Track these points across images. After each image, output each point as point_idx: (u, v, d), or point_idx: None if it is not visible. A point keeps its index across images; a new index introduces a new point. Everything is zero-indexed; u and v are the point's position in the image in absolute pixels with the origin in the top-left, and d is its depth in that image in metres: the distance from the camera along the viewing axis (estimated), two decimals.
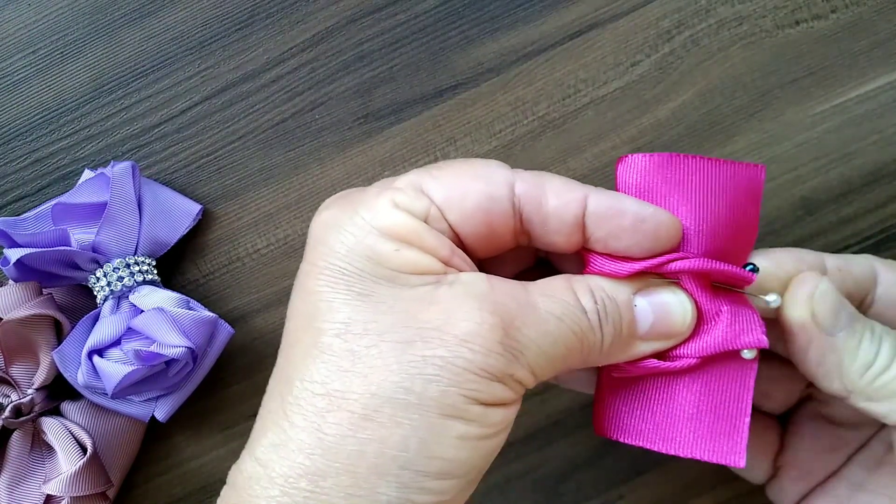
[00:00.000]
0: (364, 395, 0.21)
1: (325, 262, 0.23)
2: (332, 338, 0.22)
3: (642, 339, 0.25)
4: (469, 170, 0.24)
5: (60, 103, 0.36)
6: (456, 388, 0.21)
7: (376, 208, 0.23)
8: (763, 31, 0.35)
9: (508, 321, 0.22)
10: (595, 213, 0.24)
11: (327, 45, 0.36)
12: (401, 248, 0.23)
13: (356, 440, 0.21)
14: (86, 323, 0.33)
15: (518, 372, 0.22)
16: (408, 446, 0.21)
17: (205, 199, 0.36)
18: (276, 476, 0.21)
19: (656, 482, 0.35)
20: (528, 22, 0.36)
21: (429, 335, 0.21)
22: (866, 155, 0.35)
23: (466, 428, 0.21)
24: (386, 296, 0.22)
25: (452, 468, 0.21)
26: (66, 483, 0.32)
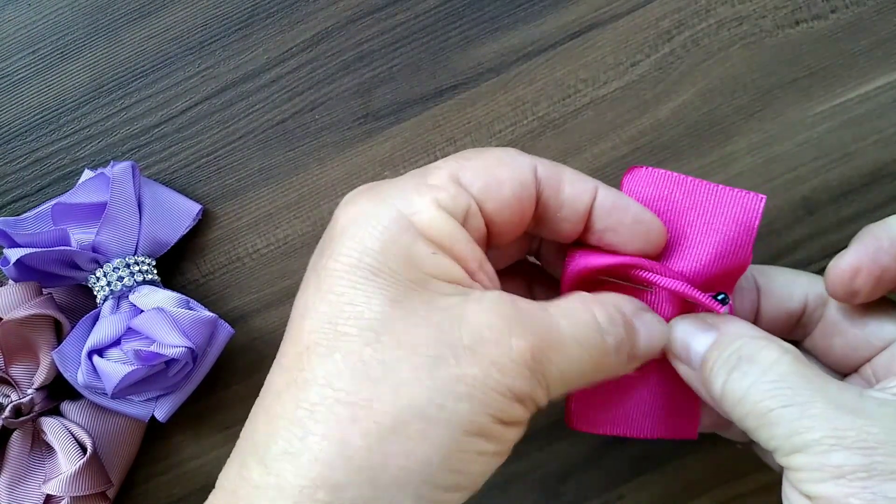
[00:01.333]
0: (395, 407, 0.21)
1: (354, 258, 0.22)
2: (362, 346, 0.21)
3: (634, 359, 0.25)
4: (501, 156, 0.24)
5: (60, 103, 0.36)
6: (484, 407, 0.21)
7: (417, 205, 0.22)
8: (763, 31, 0.35)
9: (537, 347, 0.22)
10: (602, 205, 0.25)
11: (327, 45, 0.36)
12: (437, 252, 0.22)
13: (381, 453, 0.20)
14: (86, 323, 0.33)
15: (539, 395, 0.22)
16: (431, 461, 0.21)
17: (205, 198, 0.36)
18: (289, 487, 0.20)
19: (656, 482, 0.35)
20: (528, 22, 0.36)
21: (461, 353, 0.21)
22: (866, 155, 0.35)
23: (487, 445, 0.21)
24: (418, 304, 0.22)
25: (466, 482, 0.21)
26: (65, 483, 0.32)
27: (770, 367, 0.23)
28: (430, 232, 0.22)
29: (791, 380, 0.23)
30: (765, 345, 0.24)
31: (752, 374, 0.23)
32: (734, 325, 0.26)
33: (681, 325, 0.26)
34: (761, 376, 0.23)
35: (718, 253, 0.26)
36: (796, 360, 0.23)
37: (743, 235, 0.26)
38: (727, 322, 0.26)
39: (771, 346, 0.24)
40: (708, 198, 0.26)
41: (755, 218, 0.26)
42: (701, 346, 0.25)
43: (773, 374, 0.23)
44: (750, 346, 0.24)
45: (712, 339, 0.25)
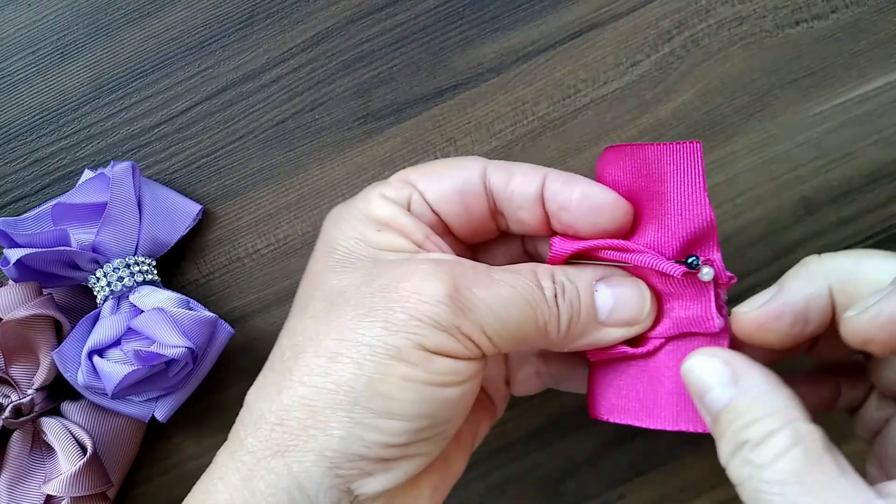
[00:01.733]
0: (330, 340, 0.24)
1: (326, 247, 0.27)
2: (318, 301, 0.26)
3: (606, 325, 0.26)
4: (449, 162, 0.28)
5: (61, 103, 0.37)
6: (403, 332, 0.23)
7: (367, 199, 0.27)
8: (763, 32, 0.35)
9: (460, 281, 0.24)
10: (550, 188, 0.26)
11: (327, 45, 0.36)
12: (382, 229, 0.26)
13: (319, 379, 0.23)
14: (86, 323, 0.33)
15: (465, 325, 0.23)
16: (357, 383, 0.23)
17: (205, 199, 0.36)
18: (254, 413, 0.25)
19: (656, 482, 0.35)
20: (528, 22, 0.36)
21: (387, 288, 0.24)
22: (866, 155, 0.35)
23: (409, 370, 0.23)
24: (364, 266, 0.26)
25: (397, 408, 0.23)
26: (66, 483, 0.32)
27: (773, 462, 0.21)
28: (376, 215, 0.27)
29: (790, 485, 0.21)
30: (776, 429, 0.22)
31: (752, 464, 0.21)
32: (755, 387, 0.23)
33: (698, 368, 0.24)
34: (759, 471, 0.21)
35: (678, 214, 0.25)
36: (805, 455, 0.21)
37: (693, 188, 0.25)
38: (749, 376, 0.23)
39: (785, 431, 0.21)
40: (653, 161, 0.26)
41: (698, 165, 0.25)
42: (716, 402, 0.23)
43: (773, 472, 0.21)
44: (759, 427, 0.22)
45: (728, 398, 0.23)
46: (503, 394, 0.31)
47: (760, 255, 0.35)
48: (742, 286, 0.35)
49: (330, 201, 0.36)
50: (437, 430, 0.24)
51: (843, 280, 0.24)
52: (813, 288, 0.24)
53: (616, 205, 0.26)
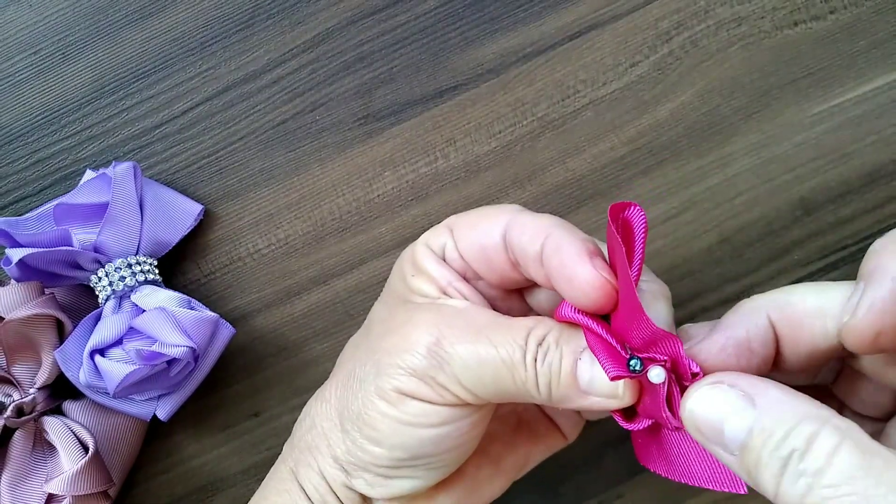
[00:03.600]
0: (347, 370, 0.29)
1: (387, 286, 0.31)
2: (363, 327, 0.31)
3: (587, 393, 0.25)
4: (487, 210, 0.29)
5: (62, 104, 0.37)
6: (386, 375, 0.26)
7: (417, 242, 0.29)
8: (762, 32, 0.35)
9: (444, 335, 0.26)
10: (545, 251, 0.25)
11: (328, 45, 0.36)
12: (416, 274, 0.29)
13: (336, 399, 0.28)
14: (87, 322, 0.33)
15: (440, 377, 0.25)
16: (350, 408, 0.27)
17: (206, 199, 0.37)
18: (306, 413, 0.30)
19: (655, 482, 0.35)
20: (527, 23, 0.36)
21: (391, 332, 0.27)
22: (864, 155, 0.35)
23: (387, 408, 0.26)
24: (396, 306, 0.29)
25: (380, 437, 0.26)
26: (67, 482, 0.32)
27: (828, 465, 0.19)
28: (414, 259, 0.29)
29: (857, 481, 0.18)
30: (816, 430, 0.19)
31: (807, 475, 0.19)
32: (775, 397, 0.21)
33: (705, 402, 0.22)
34: (818, 478, 0.19)
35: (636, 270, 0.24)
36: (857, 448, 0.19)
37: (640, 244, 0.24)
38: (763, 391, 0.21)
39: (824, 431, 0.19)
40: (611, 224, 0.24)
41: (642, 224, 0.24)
42: (739, 432, 0.21)
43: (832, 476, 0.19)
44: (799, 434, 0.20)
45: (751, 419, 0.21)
46: (573, 420, 0.32)
47: (758, 256, 0.36)
48: (740, 286, 0.36)
49: (330, 201, 0.36)
50: (421, 461, 0.26)
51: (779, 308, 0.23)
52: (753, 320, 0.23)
53: (589, 284, 0.24)
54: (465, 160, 0.36)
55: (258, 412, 0.37)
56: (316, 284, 0.36)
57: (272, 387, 0.36)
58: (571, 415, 0.32)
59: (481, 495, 0.30)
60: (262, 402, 0.37)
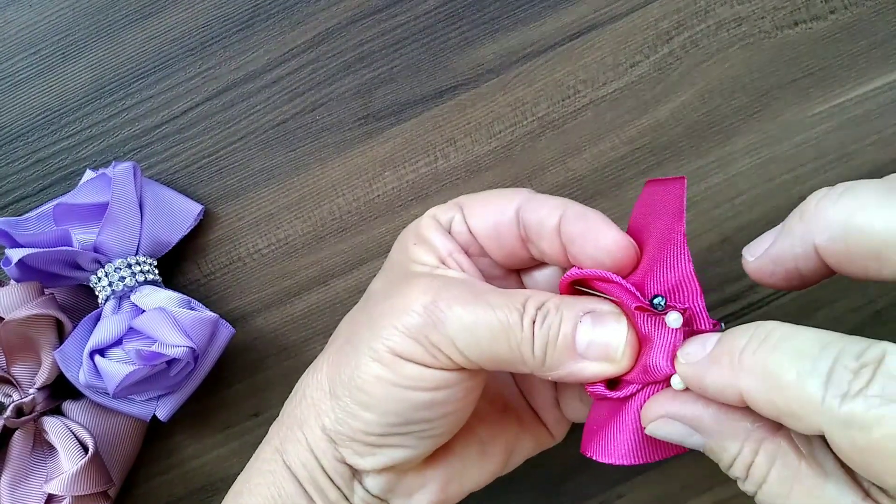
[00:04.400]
0: (345, 336, 0.29)
1: (387, 260, 0.31)
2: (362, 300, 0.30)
3: (582, 357, 0.26)
4: (500, 191, 0.29)
5: (62, 104, 0.37)
6: (380, 337, 0.26)
7: (423, 216, 0.30)
8: (762, 32, 0.35)
9: (440, 296, 0.26)
10: (564, 220, 0.27)
11: (328, 45, 0.36)
12: (417, 243, 0.29)
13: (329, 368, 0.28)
14: (87, 323, 0.33)
15: (435, 337, 0.25)
16: (344, 373, 0.27)
17: (206, 199, 0.37)
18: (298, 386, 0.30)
19: (655, 482, 0.35)
20: (527, 23, 0.36)
21: (391, 297, 0.27)
22: (865, 155, 0.35)
23: (381, 371, 0.26)
24: (396, 274, 0.29)
25: (372, 402, 0.26)
26: (67, 482, 0.32)
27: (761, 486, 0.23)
28: (418, 232, 0.29)
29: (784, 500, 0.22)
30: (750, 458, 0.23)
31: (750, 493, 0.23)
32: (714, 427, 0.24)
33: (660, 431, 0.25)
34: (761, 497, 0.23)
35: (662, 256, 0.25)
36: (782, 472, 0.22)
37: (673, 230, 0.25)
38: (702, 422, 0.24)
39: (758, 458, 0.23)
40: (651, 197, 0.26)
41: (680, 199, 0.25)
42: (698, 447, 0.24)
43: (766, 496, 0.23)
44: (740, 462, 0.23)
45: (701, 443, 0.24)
46: (555, 416, 0.31)
47: None
48: (742, 285, 0.35)
49: (330, 201, 0.36)
50: (412, 427, 0.26)
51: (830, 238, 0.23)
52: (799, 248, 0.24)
53: (615, 243, 0.26)
54: (465, 160, 0.36)
55: (258, 412, 0.37)
56: (316, 284, 0.36)
57: (272, 387, 0.36)
58: (555, 411, 0.31)
59: (469, 477, 0.30)
60: (262, 402, 0.37)
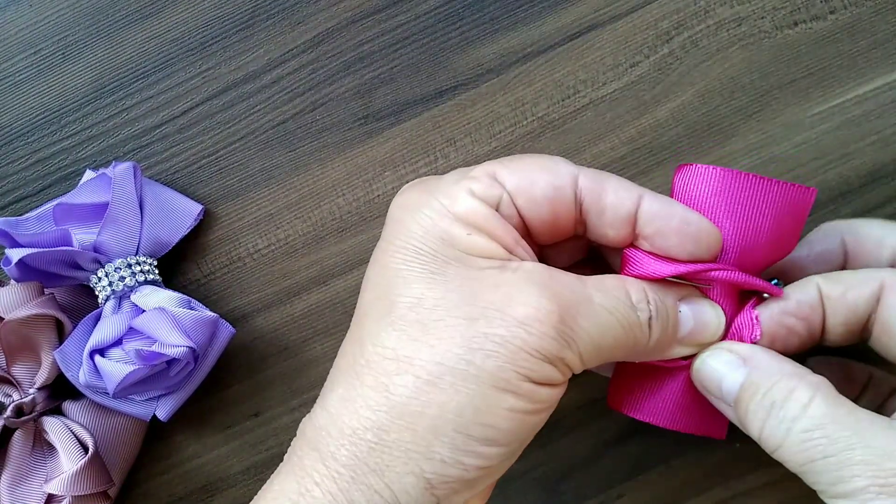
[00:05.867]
0: (430, 362, 0.23)
1: (402, 240, 0.25)
2: (405, 310, 0.24)
3: (679, 343, 0.27)
4: (538, 162, 0.26)
5: (62, 104, 0.37)
6: (511, 364, 0.23)
7: (453, 194, 0.25)
8: (762, 32, 0.35)
9: (565, 309, 0.24)
10: (647, 211, 0.26)
11: (328, 46, 0.36)
12: (472, 232, 0.25)
13: (419, 402, 0.23)
14: (87, 323, 0.33)
15: (568, 356, 0.24)
16: (463, 412, 0.23)
17: (206, 199, 0.37)
18: (345, 426, 0.24)
19: (656, 481, 0.35)
20: (527, 23, 0.36)
21: (491, 314, 0.23)
22: (865, 155, 0.35)
23: (516, 402, 0.23)
24: (455, 275, 0.24)
25: (500, 437, 0.23)
26: (67, 482, 0.32)
27: (803, 413, 0.24)
28: (465, 215, 0.25)
29: (826, 426, 0.23)
30: (794, 385, 0.24)
31: (786, 421, 0.24)
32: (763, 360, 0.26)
33: (709, 363, 0.27)
34: (795, 424, 0.24)
35: (770, 243, 0.27)
36: (827, 400, 0.24)
37: (793, 226, 0.27)
38: (755, 355, 0.26)
39: (801, 386, 0.24)
40: (759, 192, 0.27)
41: (805, 209, 0.27)
42: (733, 386, 0.26)
43: (806, 422, 0.24)
44: (780, 388, 0.25)
45: (743, 376, 0.26)
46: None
47: None
48: None
49: (331, 202, 0.36)
50: (522, 448, 0.25)
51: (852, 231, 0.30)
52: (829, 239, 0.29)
53: (712, 234, 0.26)
54: (465, 160, 0.36)
55: (258, 412, 0.37)
56: (316, 284, 0.36)
57: (272, 387, 0.36)
58: None
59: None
60: (262, 402, 0.37)
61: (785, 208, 0.27)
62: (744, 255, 0.27)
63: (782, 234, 0.27)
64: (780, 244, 0.27)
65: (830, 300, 0.27)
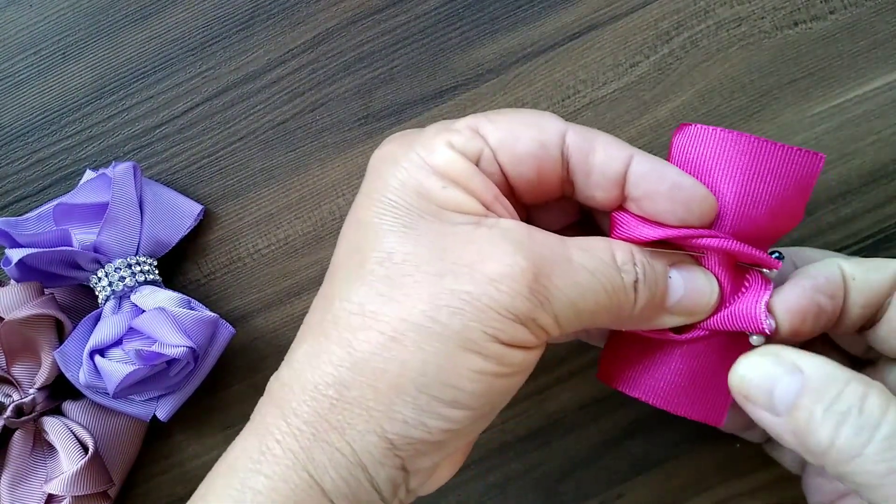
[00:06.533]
0: (394, 318, 0.22)
1: (378, 193, 0.24)
2: (375, 264, 0.23)
3: (668, 312, 0.25)
4: (525, 117, 0.25)
5: (62, 104, 0.37)
6: (478, 323, 0.22)
7: (431, 146, 0.24)
8: (762, 32, 0.35)
9: (539, 267, 0.22)
10: (636, 172, 0.24)
11: (328, 46, 0.36)
12: (448, 185, 0.24)
13: (381, 358, 0.22)
14: (87, 323, 0.33)
15: (542, 318, 0.23)
16: (426, 371, 0.22)
17: (206, 199, 0.37)
18: (307, 382, 0.23)
19: (655, 481, 0.35)
20: (527, 23, 0.36)
21: (460, 271, 0.22)
22: (865, 155, 0.35)
23: (483, 363, 0.22)
24: (427, 229, 0.23)
25: (466, 399, 0.22)
26: (67, 482, 0.32)
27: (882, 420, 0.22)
28: (442, 168, 0.24)
29: None
30: (865, 391, 0.22)
31: (866, 429, 0.22)
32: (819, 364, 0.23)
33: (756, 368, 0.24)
34: (875, 431, 0.22)
35: (772, 212, 0.25)
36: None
37: (798, 195, 0.25)
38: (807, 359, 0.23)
39: (873, 391, 0.22)
40: (763, 156, 0.25)
41: (812, 177, 0.25)
42: (788, 392, 0.23)
43: (886, 429, 0.21)
44: (851, 393, 0.22)
45: (800, 383, 0.23)
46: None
47: None
48: None
49: (331, 202, 0.36)
50: (494, 412, 0.24)
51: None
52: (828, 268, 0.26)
53: (705, 200, 0.25)
54: None
55: None
56: (316, 284, 0.36)
57: None
58: None
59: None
60: None
61: (790, 175, 0.25)
62: (743, 225, 0.25)
63: (786, 203, 0.25)
64: (785, 214, 0.25)
65: (855, 281, 0.25)
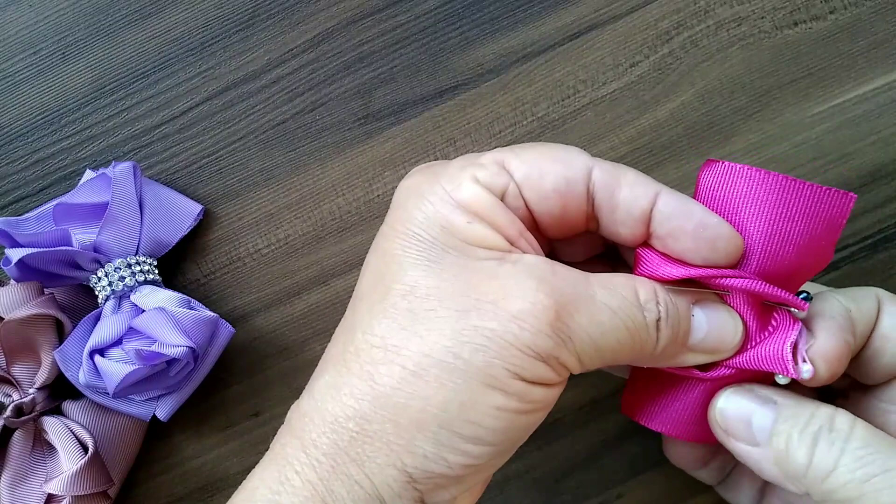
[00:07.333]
0: (417, 353, 0.22)
1: (403, 226, 0.24)
2: (398, 297, 0.23)
3: (691, 350, 0.25)
4: (551, 152, 0.25)
5: (62, 104, 0.37)
6: (501, 360, 0.22)
7: (457, 181, 0.24)
8: (762, 32, 0.35)
9: (562, 305, 0.22)
10: (662, 211, 0.24)
11: (328, 45, 0.36)
12: (473, 221, 0.24)
13: (403, 393, 0.22)
14: (87, 322, 0.33)
15: (563, 356, 0.23)
16: (448, 408, 0.22)
17: (206, 199, 0.37)
18: (328, 414, 0.23)
19: (655, 481, 0.35)
20: (527, 23, 0.36)
21: (484, 307, 0.22)
22: (864, 155, 0.35)
23: (505, 400, 0.22)
24: (451, 264, 0.23)
25: (487, 435, 0.22)
26: (67, 482, 0.32)
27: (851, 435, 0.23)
28: (467, 203, 0.24)
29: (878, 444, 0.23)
30: (832, 412, 0.24)
31: (837, 441, 0.23)
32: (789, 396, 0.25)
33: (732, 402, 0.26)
34: (847, 443, 0.23)
35: (801, 253, 0.25)
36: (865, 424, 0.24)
37: (827, 235, 0.25)
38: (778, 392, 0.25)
39: (839, 413, 0.24)
40: (792, 195, 0.24)
41: (842, 217, 0.25)
42: (767, 420, 0.25)
43: (856, 441, 0.23)
44: (822, 413, 0.24)
45: (774, 411, 0.25)
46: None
47: None
48: None
49: (331, 202, 0.36)
50: (514, 447, 0.24)
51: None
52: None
53: (731, 239, 0.24)
54: None
55: (258, 412, 0.37)
56: (316, 284, 0.36)
57: (272, 387, 0.36)
58: None
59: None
60: (262, 402, 0.37)
61: (819, 215, 0.24)
62: (770, 264, 0.25)
63: (815, 244, 0.25)
64: (813, 254, 0.25)
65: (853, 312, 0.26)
